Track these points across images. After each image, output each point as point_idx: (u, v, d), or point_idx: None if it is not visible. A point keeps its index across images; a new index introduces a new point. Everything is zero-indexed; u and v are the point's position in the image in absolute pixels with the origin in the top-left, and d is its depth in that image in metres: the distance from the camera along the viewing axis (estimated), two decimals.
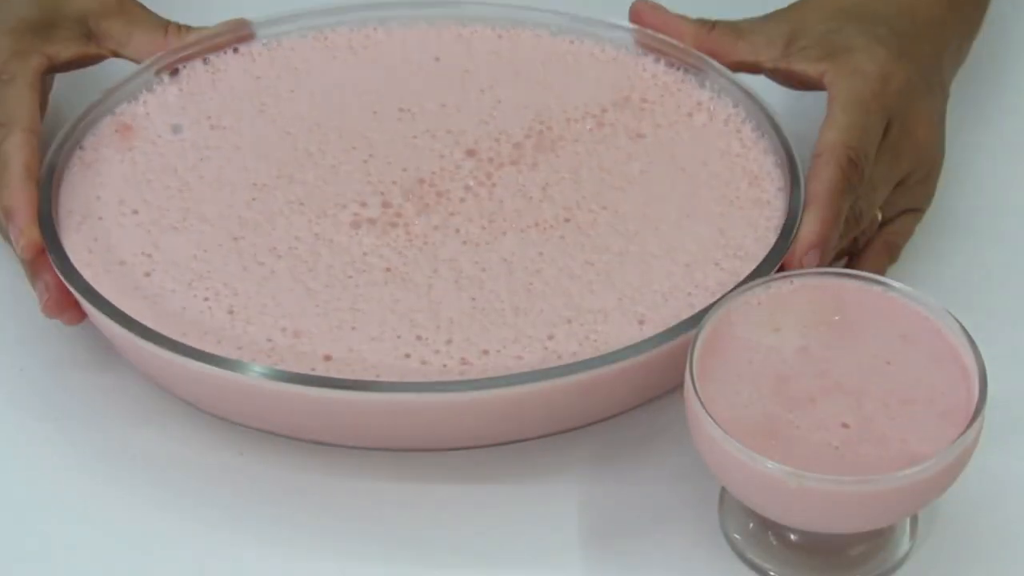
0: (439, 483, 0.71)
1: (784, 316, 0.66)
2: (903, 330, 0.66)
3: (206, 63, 0.82)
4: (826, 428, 0.63)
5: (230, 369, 0.67)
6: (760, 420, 0.63)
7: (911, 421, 0.63)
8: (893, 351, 0.65)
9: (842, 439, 0.62)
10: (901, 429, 0.63)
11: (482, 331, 0.70)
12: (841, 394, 0.64)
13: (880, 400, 0.63)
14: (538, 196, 0.76)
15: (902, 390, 0.64)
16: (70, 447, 0.73)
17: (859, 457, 0.62)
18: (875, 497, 0.61)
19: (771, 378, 0.64)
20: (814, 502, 0.61)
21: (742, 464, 0.61)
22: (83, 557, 0.69)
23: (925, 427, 0.63)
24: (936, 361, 0.65)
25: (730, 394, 0.64)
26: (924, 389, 0.64)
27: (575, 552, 0.68)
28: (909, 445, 0.62)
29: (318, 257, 0.73)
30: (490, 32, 0.84)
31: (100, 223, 0.75)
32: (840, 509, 0.62)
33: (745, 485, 0.63)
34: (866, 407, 0.63)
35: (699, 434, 0.63)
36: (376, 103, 0.81)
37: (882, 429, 0.63)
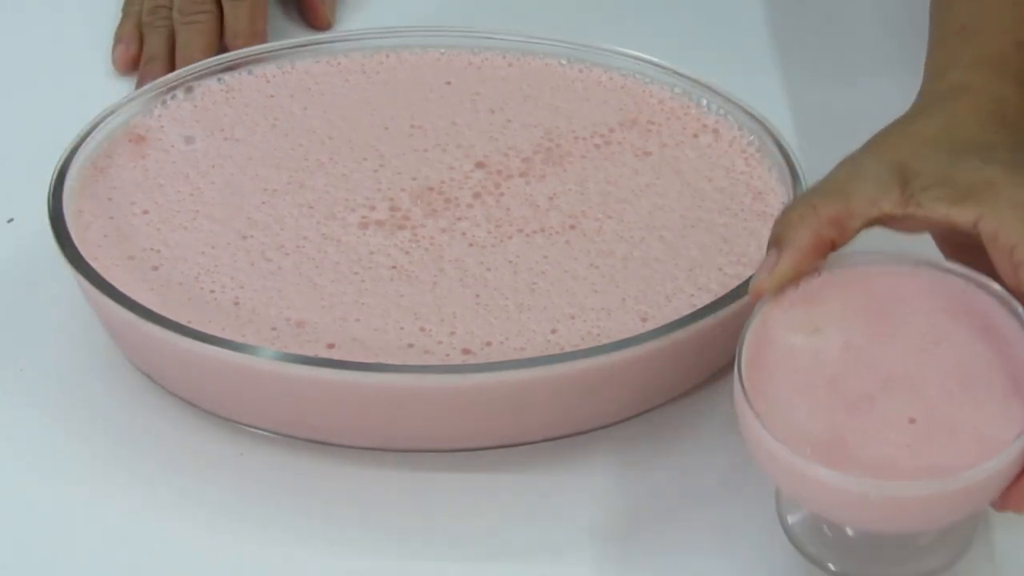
0: (441, 483, 0.71)
1: (820, 314, 0.63)
2: (943, 306, 0.63)
3: (220, 82, 0.84)
4: (893, 427, 0.60)
5: (232, 349, 0.68)
6: (824, 431, 0.60)
7: (976, 404, 0.60)
8: (939, 331, 0.63)
9: (912, 436, 0.60)
10: (969, 414, 0.60)
11: (485, 324, 0.71)
12: (898, 387, 0.61)
13: (939, 387, 0.61)
14: (545, 205, 0.77)
15: (959, 372, 0.61)
16: (70, 447, 0.73)
17: (934, 452, 0.59)
18: (960, 493, 0.59)
19: (823, 383, 0.62)
20: (899, 508, 0.59)
21: (820, 483, 0.59)
22: (83, 557, 0.69)
23: (994, 409, 0.60)
24: (984, 335, 0.62)
25: (786, 410, 0.61)
26: (981, 367, 0.62)
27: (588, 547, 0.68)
28: (981, 431, 0.60)
29: (325, 255, 0.74)
30: (500, 60, 0.85)
31: (111, 222, 0.76)
32: (926, 510, 0.60)
33: (824, 501, 0.61)
34: (928, 397, 0.61)
35: (766, 458, 0.61)
36: (388, 120, 0.82)
37: (950, 418, 0.60)
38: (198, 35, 0.92)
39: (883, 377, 0.61)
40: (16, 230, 0.83)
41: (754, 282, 0.64)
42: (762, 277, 0.64)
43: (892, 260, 0.65)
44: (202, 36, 0.92)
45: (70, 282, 0.73)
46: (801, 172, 0.76)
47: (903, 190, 0.64)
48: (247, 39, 0.92)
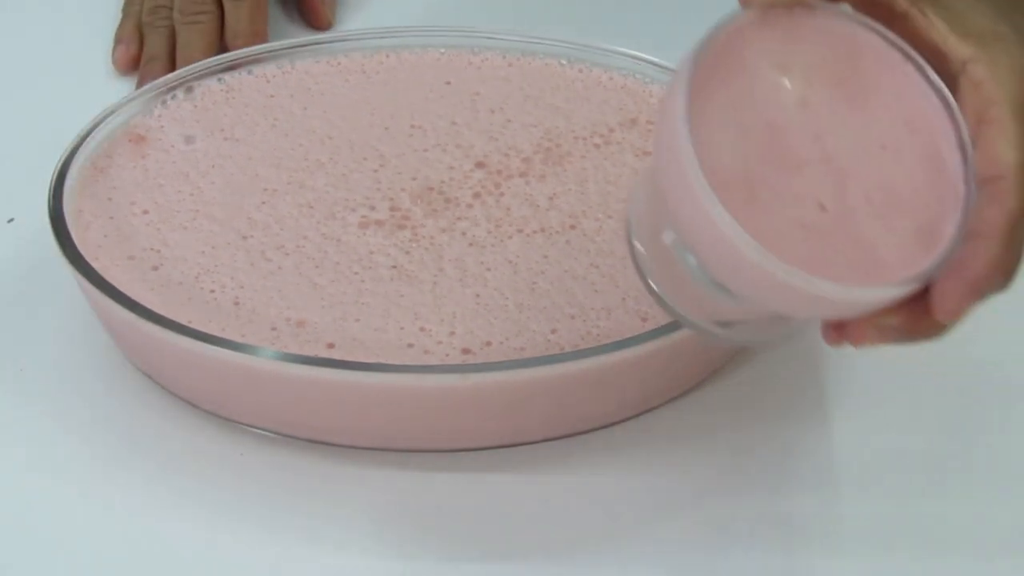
0: (441, 483, 0.71)
1: (796, 53, 0.59)
2: (909, 114, 0.59)
3: (220, 82, 0.84)
4: (802, 203, 0.57)
5: (232, 349, 0.68)
6: (739, 172, 0.56)
7: (887, 227, 0.57)
8: (892, 137, 0.59)
9: (814, 220, 0.56)
10: (876, 232, 0.57)
11: (485, 324, 0.71)
12: (828, 169, 0.57)
13: (864, 191, 0.58)
14: (545, 205, 0.77)
15: (889, 186, 0.58)
16: (70, 447, 0.73)
17: (825, 247, 0.56)
18: (820, 300, 0.55)
19: (764, 124, 0.58)
20: (759, 281, 0.56)
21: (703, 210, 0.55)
22: (83, 557, 0.69)
23: (898, 240, 0.57)
24: (929, 163, 0.59)
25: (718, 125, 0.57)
26: (909, 192, 0.58)
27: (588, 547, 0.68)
28: (879, 254, 0.57)
29: (325, 255, 0.74)
30: (501, 60, 0.85)
31: (111, 222, 0.76)
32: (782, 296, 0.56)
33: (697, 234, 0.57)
34: (850, 194, 0.57)
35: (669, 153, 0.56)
36: (388, 120, 0.82)
37: (857, 223, 0.57)
38: (198, 35, 0.92)
39: (820, 149, 0.58)
40: (16, 230, 0.83)
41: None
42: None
43: (889, 37, 0.60)
44: (202, 36, 0.92)
45: (70, 282, 0.73)
46: None
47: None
48: (247, 39, 0.92)
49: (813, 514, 0.70)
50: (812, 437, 0.72)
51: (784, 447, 0.72)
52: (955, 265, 0.57)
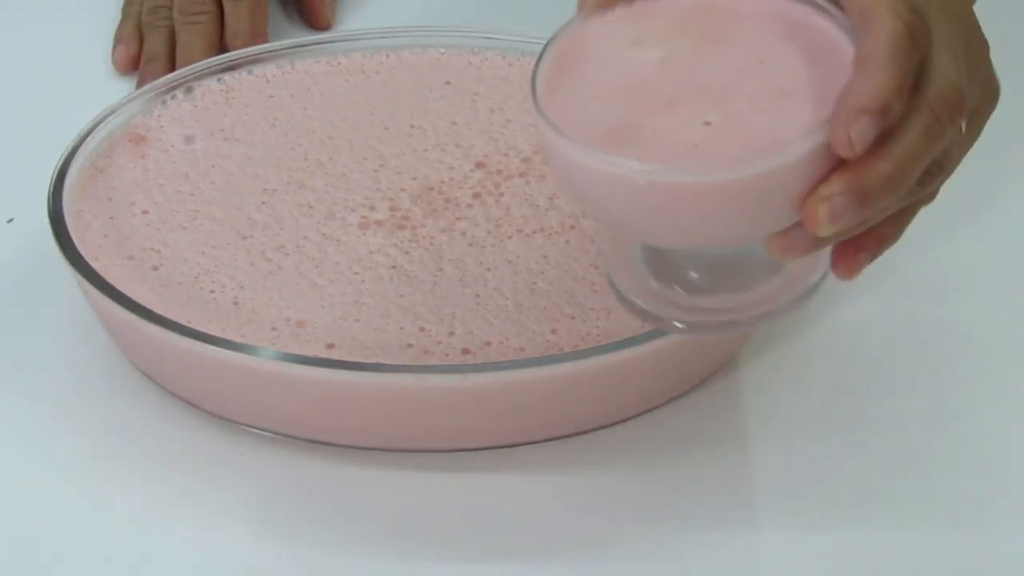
0: (441, 483, 0.71)
1: (647, 29, 0.59)
2: (782, 31, 0.58)
3: (220, 82, 0.84)
4: (686, 128, 0.55)
5: (232, 349, 0.68)
6: (611, 127, 0.56)
7: (784, 114, 0.55)
8: (768, 49, 0.58)
9: (703, 136, 0.55)
10: (772, 122, 0.55)
11: (485, 324, 0.71)
12: (706, 95, 0.56)
13: (749, 96, 0.56)
14: (545, 205, 0.77)
15: (776, 84, 0.57)
16: (70, 447, 0.73)
17: (720, 152, 0.55)
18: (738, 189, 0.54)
19: (624, 88, 0.57)
20: (668, 203, 0.54)
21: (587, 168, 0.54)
22: (83, 557, 0.69)
23: (798, 118, 0.55)
24: (813, 57, 0.57)
25: (577, 105, 0.56)
26: (799, 84, 0.56)
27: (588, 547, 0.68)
28: (779, 136, 0.55)
29: (325, 255, 0.74)
30: (500, 60, 0.85)
31: (111, 222, 0.76)
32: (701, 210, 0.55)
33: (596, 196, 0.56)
34: (733, 104, 0.56)
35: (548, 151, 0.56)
36: (387, 120, 0.82)
37: (750, 123, 0.55)
38: (198, 35, 0.92)
39: (692, 86, 0.57)
40: (16, 230, 0.83)
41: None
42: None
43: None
44: (202, 36, 0.92)
45: (70, 282, 0.73)
46: None
47: None
48: (247, 39, 0.92)
49: (815, 512, 0.70)
50: (812, 436, 0.72)
51: (784, 447, 0.72)
52: (840, 97, 0.56)
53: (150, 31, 0.93)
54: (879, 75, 0.55)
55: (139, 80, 0.91)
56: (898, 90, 0.55)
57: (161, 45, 0.92)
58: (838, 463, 0.71)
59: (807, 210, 0.56)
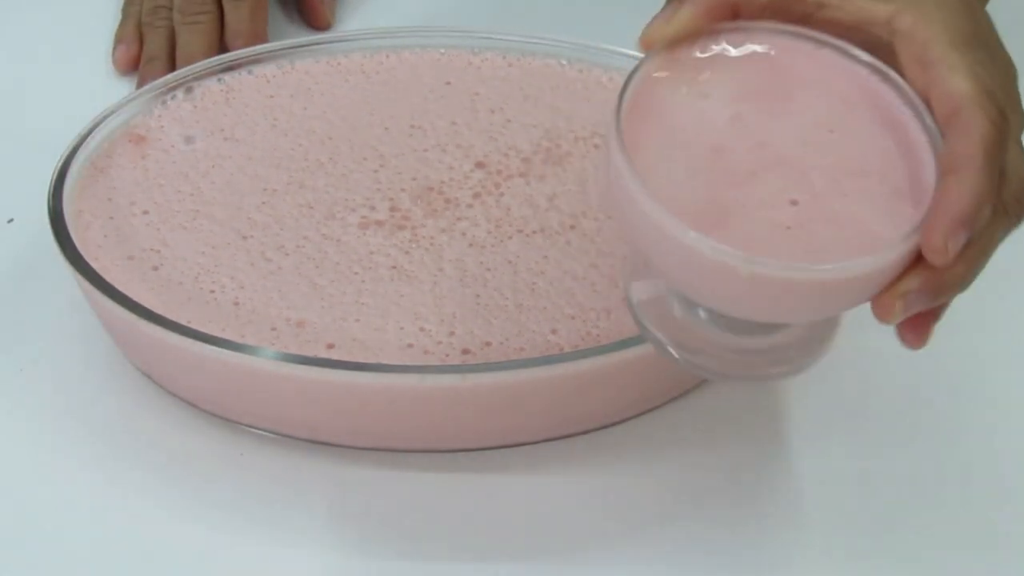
0: (441, 483, 0.71)
1: (711, 80, 0.59)
2: (842, 92, 0.59)
3: (220, 82, 0.84)
4: (773, 206, 0.56)
5: (232, 349, 0.68)
6: (700, 198, 0.56)
7: (864, 198, 0.56)
8: (834, 118, 0.58)
9: (792, 218, 0.55)
10: (855, 206, 0.56)
11: (485, 324, 0.71)
12: (785, 167, 0.57)
13: (828, 174, 0.57)
14: (544, 205, 0.77)
15: (850, 162, 0.57)
16: (70, 447, 0.73)
17: (813, 238, 0.55)
18: (835, 284, 0.55)
19: (705, 149, 0.57)
20: (763, 290, 0.55)
21: (683, 248, 0.55)
22: (83, 557, 0.69)
23: (882, 205, 0.56)
24: (882, 128, 0.58)
25: (663, 169, 0.56)
26: (874, 161, 0.57)
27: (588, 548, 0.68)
28: (868, 225, 0.56)
29: (325, 255, 0.74)
30: (500, 60, 0.85)
31: (111, 222, 0.76)
32: (791, 297, 0.55)
33: (684, 270, 0.56)
34: (814, 182, 0.56)
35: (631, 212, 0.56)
36: (387, 120, 0.82)
37: (834, 207, 0.56)
38: (198, 35, 0.92)
39: (770, 156, 0.57)
40: (16, 230, 0.83)
41: (646, 29, 0.60)
42: (658, 24, 0.60)
43: (792, 34, 0.60)
44: (202, 36, 0.92)
45: (70, 282, 0.73)
46: None
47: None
48: (247, 39, 0.92)
49: (815, 512, 0.70)
50: (812, 436, 0.72)
51: (785, 447, 0.72)
52: (936, 203, 0.56)
53: (150, 31, 0.93)
54: (975, 183, 0.56)
55: (139, 80, 0.91)
56: (990, 196, 0.57)
57: (161, 45, 0.92)
58: (839, 463, 0.71)
59: (884, 302, 0.57)
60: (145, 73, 0.91)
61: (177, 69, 0.87)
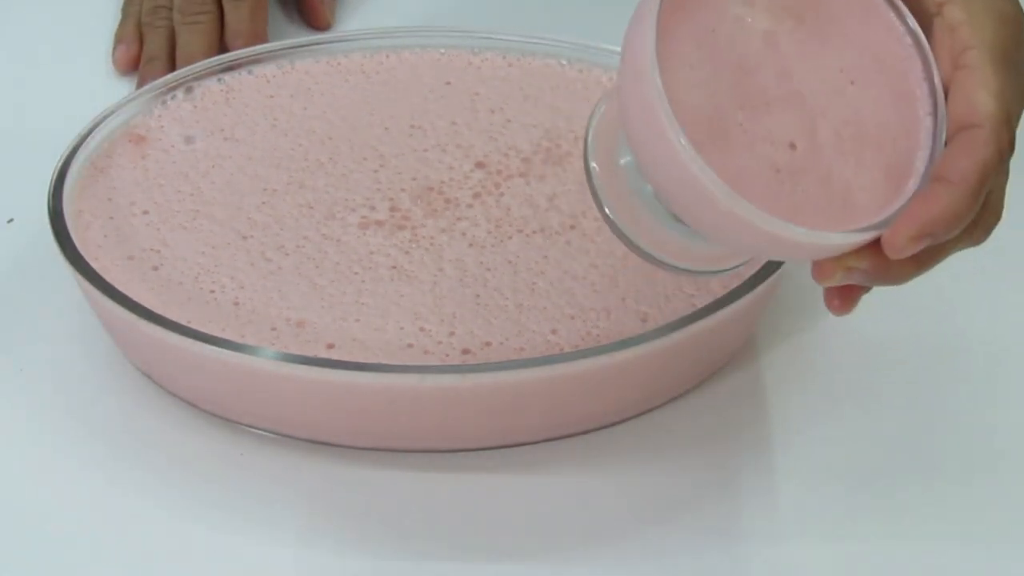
0: (441, 483, 0.71)
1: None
2: (876, 46, 0.58)
3: (220, 82, 0.84)
4: (772, 142, 0.56)
5: (232, 349, 0.68)
6: (709, 110, 0.55)
7: (858, 163, 0.56)
8: (860, 70, 0.57)
9: (787, 162, 0.56)
10: (847, 170, 0.56)
11: (485, 324, 0.71)
12: (797, 107, 0.56)
13: (834, 128, 0.57)
14: (545, 205, 0.77)
15: (857, 122, 0.57)
16: (70, 447, 0.73)
17: (798, 191, 0.55)
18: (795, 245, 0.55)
19: (732, 65, 0.56)
20: (727, 225, 0.55)
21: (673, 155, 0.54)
22: (83, 557, 0.69)
23: (869, 179, 0.56)
24: (896, 98, 0.58)
25: (686, 66, 0.56)
26: (878, 129, 0.57)
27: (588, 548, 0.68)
28: (852, 195, 0.56)
29: (325, 255, 0.74)
30: (500, 60, 0.85)
31: (111, 222, 0.76)
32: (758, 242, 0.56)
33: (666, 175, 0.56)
34: (819, 131, 0.56)
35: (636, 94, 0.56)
36: (387, 120, 0.82)
37: (829, 163, 0.56)
38: (198, 35, 0.92)
39: (787, 88, 0.57)
40: (16, 230, 0.83)
41: None
42: None
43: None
44: (202, 36, 0.92)
45: (70, 282, 0.73)
46: None
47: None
48: (247, 39, 0.92)
49: (815, 512, 0.70)
50: (813, 437, 0.72)
51: (785, 447, 0.72)
52: (915, 204, 0.56)
53: (150, 31, 0.93)
54: (961, 202, 0.56)
55: (139, 80, 0.91)
56: (968, 218, 0.56)
57: (161, 45, 0.92)
58: (839, 462, 0.71)
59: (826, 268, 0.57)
60: (145, 73, 0.91)
61: (177, 69, 0.87)
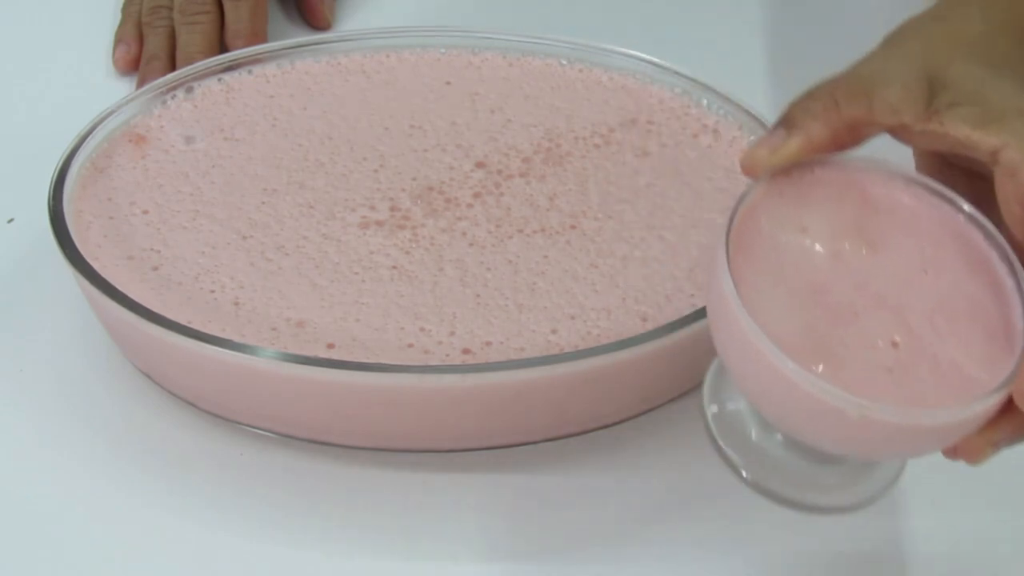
0: (441, 483, 0.71)
1: (809, 214, 0.59)
2: (934, 231, 0.60)
3: (220, 82, 0.84)
4: (875, 347, 0.57)
5: (232, 349, 0.68)
6: (804, 335, 0.57)
7: (959, 341, 0.57)
8: (927, 258, 0.59)
9: (895, 360, 0.57)
10: (951, 349, 0.57)
11: (485, 324, 0.71)
12: (884, 308, 0.58)
13: (925, 316, 0.58)
14: (545, 205, 0.77)
15: (944, 303, 0.58)
16: (70, 447, 0.73)
17: (915, 381, 0.56)
18: (934, 430, 0.56)
19: (807, 286, 0.58)
20: (863, 431, 0.56)
21: (792, 386, 0.56)
22: (83, 557, 0.69)
23: (977, 349, 0.58)
24: (971, 271, 0.59)
25: (768, 303, 0.57)
26: (965, 303, 0.59)
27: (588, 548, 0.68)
28: (964, 370, 0.57)
29: (325, 255, 0.74)
30: (500, 60, 0.85)
31: (111, 222, 0.76)
32: (887, 439, 0.56)
33: (784, 405, 0.57)
34: (912, 324, 0.58)
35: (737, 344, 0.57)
36: (387, 120, 0.82)
37: (932, 349, 0.57)
38: (198, 35, 0.92)
39: (869, 294, 0.58)
40: (16, 230, 0.83)
41: (750, 153, 0.60)
42: (762, 153, 0.60)
43: (886, 170, 0.61)
44: (202, 36, 0.92)
45: (70, 282, 0.73)
46: None
47: (928, 103, 0.59)
48: (247, 39, 0.92)
49: None
50: None
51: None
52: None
53: (150, 31, 0.93)
54: None
55: (139, 80, 0.91)
56: None
57: (161, 45, 0.92)
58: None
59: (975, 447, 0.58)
60: (145, 73, 0.91)
61: (177, 69, 0.87)
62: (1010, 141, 0.57)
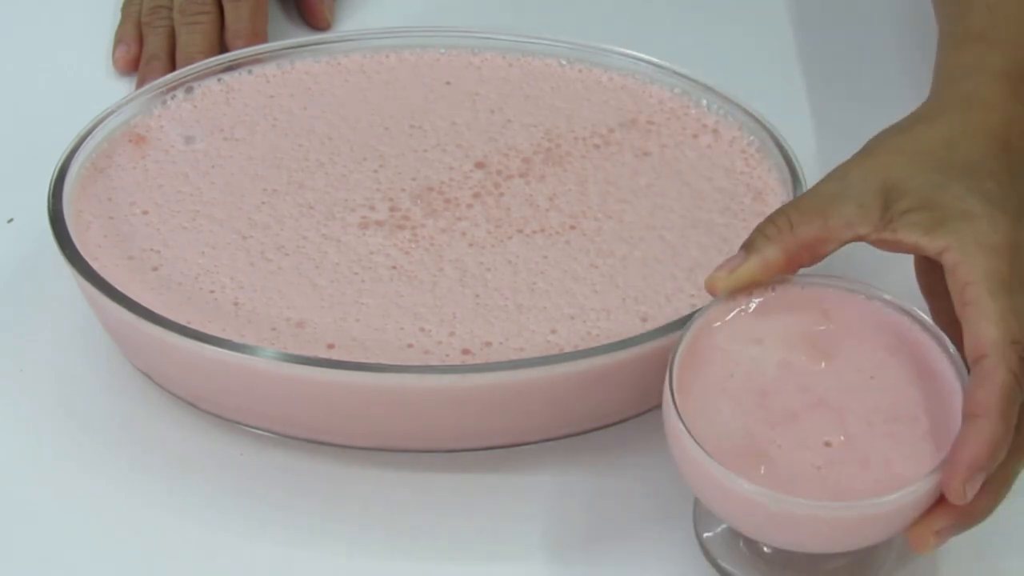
0: (441, 483, 0.71)
1: (765, 328, 0.64)
2: (887, 342, 0.64)
3: (220, 82, 0.84)
4: (808, 447, 0.61)
5: (232, 349, 0.68)
6: (741, 438, 0.61)
7: (895, 441, 0.61)
8: (876, 364, 0.63)
9: (825, 459, 0.61)
10: (884, 450, 0.61)
11: (485, 324, 0.71)
12: (825, 410, 0.62)
13: (864, 418, 0.62)
14: (545, 205, 0.77)
15: (886, 407, 0.62)
16: (70, 447, 0.73)
17: (841, 479, 0.60)
18: (856, 521, 0.60)
19: (753, 393, 0.63)
20: (793, 525, 0.60)
21: (720, 484, 0.60)
22: (83, 557, 0.69)
23: (908, 448, 0.61)
24: (919, 377, 0.63)
25: (711, 411, 0.62)
26: (907, 407, 0.62)
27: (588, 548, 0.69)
28: (893, 467, 0.61)
29: (325, 255, 0.74)
30: (500, 60, 0.85)
31: (111, 222, 0.76)
32: (820, 532, 0.60)
33: (723, 503, 0.62)
34: (849, 425, 0.62)
35: (678, 450, 0.62)
36: (387, 120, 0.82)
37: (865, 450, 0.61)
38: (198, 35, 0.92)
39: (811, 399, 0.63)
40: (16, 230, 0.83)
41: (712, 274, 0.65)
42: (721, 275, 0.65)
43: (845, 286, 0.65)
44: (202, 36, 0.92)
45: (70, 282, 0.73)
46: (801, 172, 0.76)
47: (883, 214, 0.65)
48: (247, 39, 0.92)
49: None
50: None
51: None
52: (955, 449, 0.60)
53: (150, 31, 0.93)
54: (991, 431, 0.60)
55: (139, 80, 0.91)
56: (1006, 441, 0.60)
57: (161, 45, 0.92)
58: None
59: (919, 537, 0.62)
60: (145, 73, 0.91)
61: (177, 69, 0.87)
62: (952, 244, 0.63)
